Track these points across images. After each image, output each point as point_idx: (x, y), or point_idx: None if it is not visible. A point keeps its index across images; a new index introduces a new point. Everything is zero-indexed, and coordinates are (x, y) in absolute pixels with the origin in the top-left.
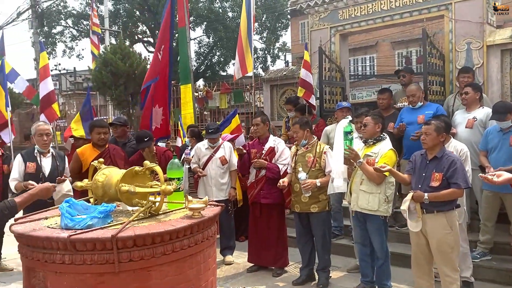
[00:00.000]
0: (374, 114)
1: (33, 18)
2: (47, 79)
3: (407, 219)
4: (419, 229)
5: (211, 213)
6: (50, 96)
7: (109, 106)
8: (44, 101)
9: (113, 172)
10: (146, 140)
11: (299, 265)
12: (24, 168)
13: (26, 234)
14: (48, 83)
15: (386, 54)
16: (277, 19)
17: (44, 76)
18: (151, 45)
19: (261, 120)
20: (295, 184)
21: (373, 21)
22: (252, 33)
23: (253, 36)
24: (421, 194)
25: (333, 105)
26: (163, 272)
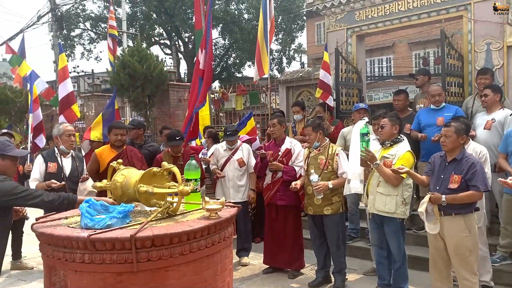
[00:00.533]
0: (391, 116)
1: (52, 21)
2: (66, 81)
3: (425, 221)
4: (437, 231)
5: (228, 214)
6: (69, 97)
7: (126, 107)
8: (63, 102)
9: (131, 173)
10: (178, 139)
11: (315, 267)
12: (45, 168)
13: (47, 233)
14: (68, 84)
15: (403, 55)
16: (292, 21)
17: (63, 77)
18: (167, 47)
19: (278, 121)
20: (308, 186)
21: (390, 22)
22: (268, 35)
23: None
24: (439, 196)
25: (350, 106)
26: (181, 272)
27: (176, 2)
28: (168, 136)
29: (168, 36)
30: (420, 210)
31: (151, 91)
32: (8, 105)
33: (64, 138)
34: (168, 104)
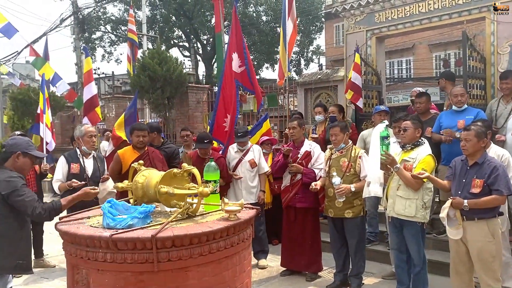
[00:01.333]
0: (413, 119)
1: (75, 24)
2: (91, 84)
3: (447, 227)
4: (460, 236)
5: (247, 216)
6: (93, 100)
7: (146, 109)
8: (87, 104)
9: (152, 174)
10: (206, 142)
11: (333, 270)
12: (68, 169)
13: (70, 232)
14: (92, 87)
15: (423, 57)
16: (311, 22)
17: (88, 80)
18: (186, 50)
19: (298, 123)
20: (329, 188)
21: (411, 23)
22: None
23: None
24: (461, 201)
25: (369, 109)
26: (200, 272)
27: (195, 5)
28: (197, 139)
29: (187, 39)
30: (441, 216)
31: (170, 93)
32: (31, 107)
33: (85, 139)
34: (187, 105)
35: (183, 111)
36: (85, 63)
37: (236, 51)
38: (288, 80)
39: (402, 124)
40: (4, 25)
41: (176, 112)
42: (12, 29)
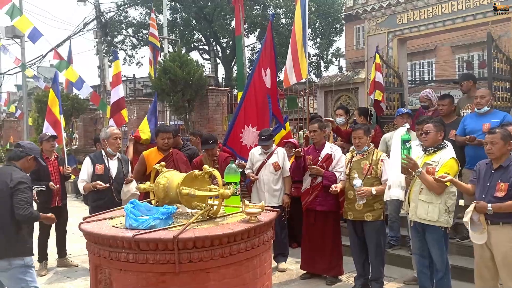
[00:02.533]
0: (436, 121)
1: (97, 28)
2: (118, 86)
3: (470, 231)
4: (484, 241)
5: (267, 218)
6: (120, 102)
7: (166, 112)
8: (114, 107)
9: (174, 176)
10: (211, 142)
11: (354, 274)
12: (93, 170)
13: (94, 233)
14: (119, 90)
15: (446, 59)
16: (331, 24)
17: (116, 83)
18: (206, 53)
19: (318, 126)
20: (349, 191)
21: (433, 25)
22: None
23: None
24: (484, 205)
25: (391, 111)
26: (221, 274)
27: (215, 8)
28: (202, 141)
29: (207, 42)
30: (465, 220)
31: (190, 95)
32: None
33: (111, 141)
34: (207, 108)
35: (203, 114)
36: (114, 66)
37: (269, 67)
38: (308, 82)
39: (424, 127)
40: (30, 30)
41: (196, 115)
42: (38, 34)
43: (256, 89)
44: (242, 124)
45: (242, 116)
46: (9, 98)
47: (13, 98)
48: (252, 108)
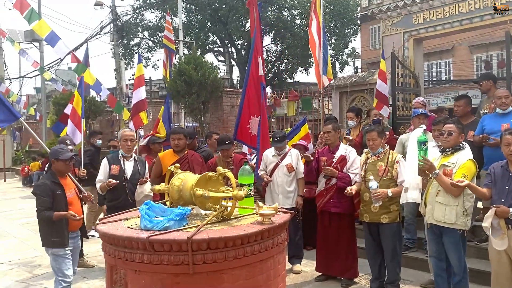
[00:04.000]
0: (458, 123)
1: (114, 31)
2: (140, 88)
3: (491, 237)
4: (505, 247)
5: (281, 220)
6: (139, 104)
7: (181, 113)
8: (134, 108)
9: (188, 177)
10: (227, 143)
11: (369, 277)
12: (109, 170)
13: (109, 233)
14: (140, 92)
15: (463, 59)
16: (346, 25)
17: (138, 85)
18: (221, 55)
19: (333, 127)
20: (365, 193)
21: (450, 24)
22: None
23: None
24: (506, 210)
25: (407, 112)
26: (235, 275)
27: (230, 10)
28: (218, 141)
29: (222, 44)
30: (484, 225)
31: (205, 97)
32: None
33: (122, 143)
34: (222, 110)
35: (217, 115)
36: (137, 69)
37: (260, 55)
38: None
39: (447, 128)
40: (48, 33)
41: (210, 116)
42: (56, 37)
43: (254, 78)
44: (248, 115)
45: (246, 107)
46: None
47: (32, 100)
48: (253, 98)
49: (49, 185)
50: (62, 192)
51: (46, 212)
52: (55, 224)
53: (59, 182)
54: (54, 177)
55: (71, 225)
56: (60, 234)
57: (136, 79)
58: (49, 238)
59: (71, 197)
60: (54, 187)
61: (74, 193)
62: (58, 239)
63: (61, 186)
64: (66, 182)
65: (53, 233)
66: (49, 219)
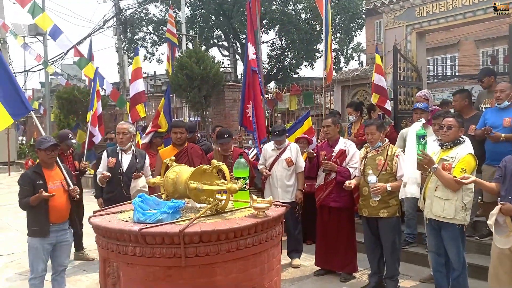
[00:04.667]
0: (458, 117)
1: (117, 25)
2: (137, 81)
3: (495, 234)
4: (510, 245)
5: (276, 213)
6: (136, 97)
7: (184, 108)
8: (132, 101)
9: (183, 170)
10: (226, 136)
11: (368, 271)
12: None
13: (102, 226)
14: (138, 84)
15: (469, 53)
16: (351, 19)
17: (136, 77)
18: (225, 49)
19: (332, 121)
20: (364, 187)
21: (453, 17)
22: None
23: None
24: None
25: (409, 106)
26: (228, 269)
27: (234, 4)
28: (217, 135)
29: (226, 38)
30: (489, 222)
31: (207, 91)
32: (76, 105)
33: (117, 136)
34: (224, 104)
35: (219, 110)
36: (134, 62)
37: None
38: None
39: (446, 122)
40: (51, 27)
41: (212, 111)
42: (58, 31)
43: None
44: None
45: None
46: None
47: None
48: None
49: (30, 175)
50: (43, 182)
51: (24, 199)
52: (35, 213)
53: (41, 172)
54: (37, 168)
55: (53, 216)
56: (39, 223)
57: (133, 72)
58: (30, 227)
59: (54, 188)
60: (35, 177)
61: (60, 185)
62: (38, 229)
63: (42, 177)
64: (52, 173)
65: (33, 222)
66: (27, 205)
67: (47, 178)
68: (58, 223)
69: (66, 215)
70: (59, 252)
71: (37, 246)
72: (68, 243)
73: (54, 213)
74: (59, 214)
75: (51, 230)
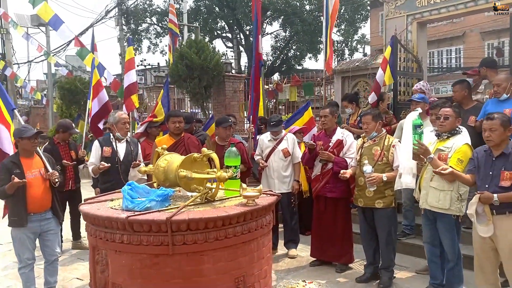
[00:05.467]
0: (455, 107)
1: (118, 16)
2: (131, 71)
3: (476, 224)
4: (491, 234)
5: (266, 202)
6: (130, 87)
7: (186, 99)
8: (126, 92)
9: (174, 158)
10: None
11: (364, 262)
12: (101, 153)
13: (90, 213)
14: (131, 75)
15: (475, 45)
16: (356, 11)
17: (129, 68)
18: (229, 41)
19: (330, 111)
20: (360, 177)
21: (455, 7)
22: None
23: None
24: (490, 196)
25: (409, 97)
26: (216, 257)
27: None
28: (219, 119)
29: (230, 30)
30: (469, 212)
31: (207, 82)
32: (78, 96)
33: (119, 125)
34: (224, 95)
35: (220, 100)
36: (127, 52)
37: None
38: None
39: (443, 112)
40: (52, 17)
41: (213, 102)
42: (59, 21)
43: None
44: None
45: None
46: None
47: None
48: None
49: (7, 164)
50: (21, 172)
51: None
52: (14, 203)
53: (19, 162)
54: (15, 157)
55: (32, 205)
56: (17, 213)
57: (127, 62)
58: (9, 218)
59: (32, 177)
60: (11, 166)
61: (39, 174)
62: (16, 219)
63: (19, 166)
64: (30, 162)
65: (12, 212)
66: (3, 193)
67: (24, 167)
68: (39, 212)
69: (46, 204)
70: (47, 241)
71: (19, 236)
72: (55, 232)
73: (32, 202)
74: (38, 203)
75: (32, 219)
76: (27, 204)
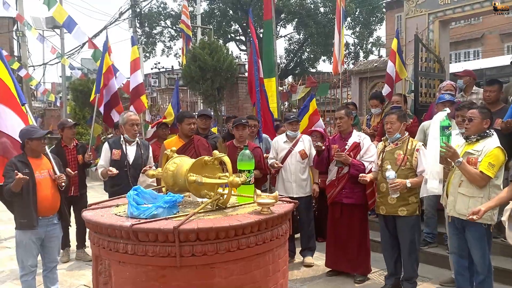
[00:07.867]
0: (482, 108)
1: (132, 18)
2: (137, 72)
3: (507, 231)
4: None
5: (282, 210)
6: (138, 88)
7: (199, 101)
8: (133, 93)
9: (184, 162)
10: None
11: (384, 273)
12: (110, 155)
13: (93, 221)
14: (138, 75)
15: (494, 48)
16: (371, 13)
17: (134, 69)
18: (243, 44)
19: (345, 113)
20: (381, 183)
21: (480, 4)
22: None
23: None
24: None
25: (430, 99)
26: (228, 270)
27: None
28: (235, 119)
29: (243, 32)
30: (503, 219)
31: (220, 83)
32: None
33: (127, 127)
34: (237, 96)
35: (232, 102)
36: (132, 52)
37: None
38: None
39: (467, 113)
40: (65, 19)
41: (226, 103)
42: (73, 23)
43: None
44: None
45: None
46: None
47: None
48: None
49: (16, 164)
50: (30, 172)
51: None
52: (23, 205)
53: (28, 161)
54: (23, 157)
55: (42, 208)
56: (27, 214)
57: (132, 63)
58: (17, 220)
59: (41, 178)
60: (21, 166)
61: (48, 174)
62: (26, 221)
63: (28, 166)
64: (39, 162)
65: (21, 214)
66: (9, 192)
67: (34, 168)
68: (47, 216)
69: (55, 207)
70: (49, 247)
71: (25, 240)
72: (58, 238)
73: (42, 204)
74: (48, 205)
75: (40, 223)
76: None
